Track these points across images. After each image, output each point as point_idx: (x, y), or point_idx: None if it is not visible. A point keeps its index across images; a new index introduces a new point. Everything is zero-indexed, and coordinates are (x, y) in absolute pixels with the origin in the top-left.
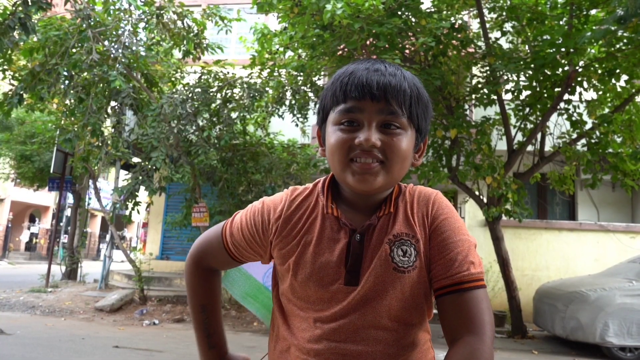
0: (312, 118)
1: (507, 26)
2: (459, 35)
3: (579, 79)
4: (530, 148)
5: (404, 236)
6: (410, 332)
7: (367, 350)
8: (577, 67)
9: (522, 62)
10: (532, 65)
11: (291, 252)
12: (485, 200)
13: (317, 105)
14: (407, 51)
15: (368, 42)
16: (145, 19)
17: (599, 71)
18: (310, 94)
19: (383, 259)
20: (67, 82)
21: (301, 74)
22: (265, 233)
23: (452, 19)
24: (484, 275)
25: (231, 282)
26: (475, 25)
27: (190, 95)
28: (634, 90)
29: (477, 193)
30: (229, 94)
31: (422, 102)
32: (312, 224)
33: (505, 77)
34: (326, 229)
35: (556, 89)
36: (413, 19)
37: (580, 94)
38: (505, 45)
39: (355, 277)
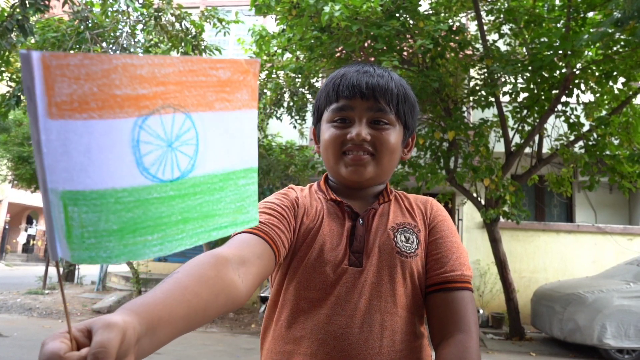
0: (310, 120)
1: (505, 28)
2: (457, 38)
3: (577, 81)
4: (527, 150)
5: (406, 225)
6: (414, 322)
7: (374, 337)
8: (574, 70)
9: (519, 64)
10: (530, 68)
11: (306, 233)
12: (483, 202)
13: (313, 106)
14: (405, 53)
15: (366, 44)
16: (143, 21)
17: (597, 73)
18: (309, 96)
19: (386, 243)
20: None
21: (299, 75)
22: (295, 205)
23: (450, 21)
24: (471, 280)
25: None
26: (473, 27)
27: None
28: (631, 93)
29: (475, 195)
30: None
31: (409, 101)
32: (319, 211)
33: (503, 79)
34: (331, 214)
35: (554, 91)
36: (411, 21)
37: (577, 96)
38: (503, 48)
39: (359, 258)
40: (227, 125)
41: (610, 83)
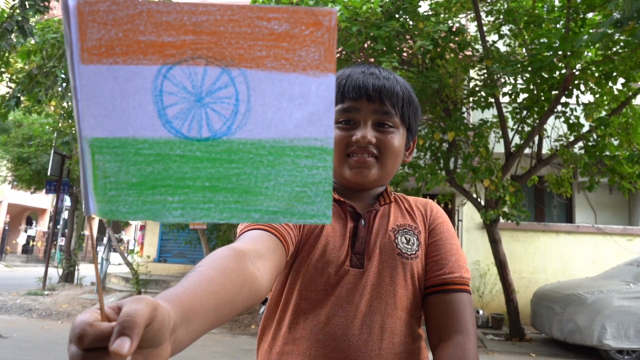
0: None
1: (505, 29)
2: (457, 38)
3: (576, 81)
4: (527, 151)
5: (407, 227)
6: (413, 324)
7: (374, 339)
8: (574, 70)
9: (519, 65)
10: (530, 68)
11: (309, 233)
12: (482, 202)
13: None
14: (404, 54)
15: (366, 45)
16: None
17: (596, 74)
18: None
19: (387, 245)
20: (64, 84)
21: None
22: None
23: (450, 22)
24: (470, 282)
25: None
26: (472, 28)
27: None
28: (630, 93)
29: (474, 196)
30: None
31: (413, 104)
32: None
33: (503, 80)
34: (334, 214)
35: (553, 92)
36: (411, 22)
37: (577, 96)
38: (503, 48)
39: (360, 260)
40: (283, 88)
41: (610, 84)
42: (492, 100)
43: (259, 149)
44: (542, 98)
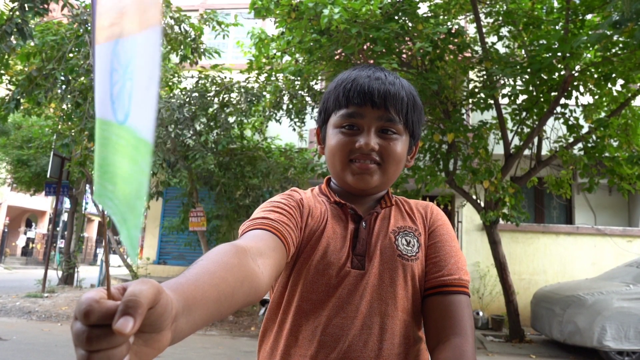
0: (310, 122)
1: (504, 31)
2: (456, 40)
3: (575, 83)
4: (527, 152)
5: (407, 229)
6: (413, 326)
7: (373, 339)
8: (573, 72)
9: (518, 67)
10: (529, 70)
11: (311, 235)
12: (482, 204)
13: (319, 106)
14: (404, 56)
15: (365, 47)
16: None
17: (595, 75)
18: (308, 99)
19: (388, 247)
20: (64, 86)
21: (298, 78)
22: (300, 205)
23: (449, 23)
24: (469, 285)
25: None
26: (471, 29)
27: (187, 99)
28: (629, 95)
29: (474, 197)
30: (227, 99)
31: (417, 109)
32: (323, 213)
33: (502, 82)
34: (335, 216)
35: (553, 93)
36: (410, 24)
37: (576, 98)
38: (502, 50)
39: (361, 261)
40: (132, 57)
41: (609, 85)
42: (492, 101)
43: (125, 137)
44: (542, 99)
